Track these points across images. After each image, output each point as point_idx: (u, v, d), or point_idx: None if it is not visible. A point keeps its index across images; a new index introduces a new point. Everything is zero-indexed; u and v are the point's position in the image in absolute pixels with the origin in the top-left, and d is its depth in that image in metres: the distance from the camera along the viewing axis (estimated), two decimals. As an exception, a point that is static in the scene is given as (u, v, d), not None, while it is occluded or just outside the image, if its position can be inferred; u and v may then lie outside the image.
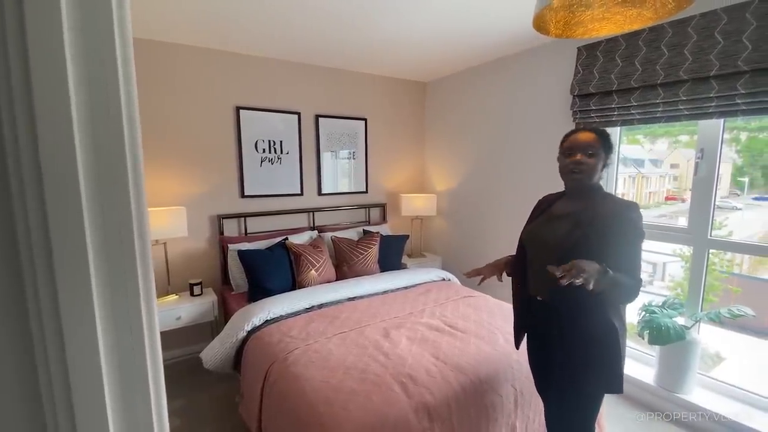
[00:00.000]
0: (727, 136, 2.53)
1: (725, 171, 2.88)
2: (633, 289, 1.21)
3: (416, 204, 3.63)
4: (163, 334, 2.60)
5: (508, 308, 2.38)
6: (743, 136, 2.47)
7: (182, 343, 2.86)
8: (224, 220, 2.94)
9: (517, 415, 1.70)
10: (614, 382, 1.27)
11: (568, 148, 1.35)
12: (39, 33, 0.36)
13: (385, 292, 2.67)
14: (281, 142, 3.12)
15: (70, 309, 0.40)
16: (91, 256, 0.41)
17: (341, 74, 3.39)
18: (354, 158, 3.56)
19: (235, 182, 2.99)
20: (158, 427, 0.48)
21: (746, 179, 2.61)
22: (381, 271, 3.07)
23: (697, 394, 2.17)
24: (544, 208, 1.49)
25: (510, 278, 1.58)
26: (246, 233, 3.03)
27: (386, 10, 2.15)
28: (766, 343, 3.00)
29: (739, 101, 1.83)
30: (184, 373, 2.67)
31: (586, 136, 1.33)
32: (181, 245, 2.81)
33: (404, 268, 3.21)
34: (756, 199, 2.61)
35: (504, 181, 3.15)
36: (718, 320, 2.08)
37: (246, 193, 3.01)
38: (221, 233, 2.93)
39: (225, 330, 2.21)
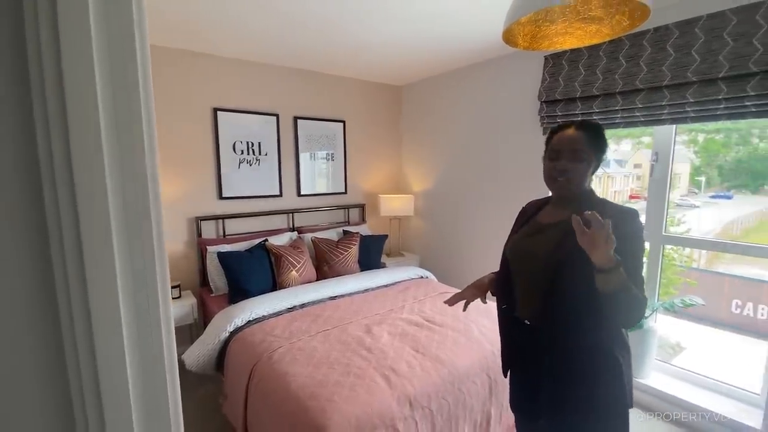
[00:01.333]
0: (685, 137, 2.74)
1: (684, 171, 3.10)
2: (641, 303, 1.00)
3: (394, 204, 3.71)
4: None
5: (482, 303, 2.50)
6: (701, 137, 2.67)
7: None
8: (202, 222, 2.93)
9: (492, 402, 1.81)
10: (618, 423, 1.10)
11: (552, 150, 1.17)
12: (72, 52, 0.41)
13: (365, 290, 2.74)
14: (259, 143, 3.13)
15: (97, 300, 0.45)
16: (116, 245, 0.45)
17: (319, 77, 3.43)
18: (333, 159, 3.61)
19: (212, 184, 2.98)
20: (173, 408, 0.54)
21: (703, 178, 2.79)
22: (361, 271, 3.14)
23: (655, 378, 2.36)
24: (529, 216, 1.30)
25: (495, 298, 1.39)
26: (225, 235, 3.03)
27: (360, 15, 2.22)
28: (721, 333, 3.25)
29: (688, 109, 2.01)
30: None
31: (573, 136, 1.14)
32: (159, 248, 2.77)
33: (384, 267, 3.29)
34: (712, 197, 2.78)
35: (477, 181, 3.29)
36: (672, 309, 2.27)
37: (224, 195, 3.01)
38: (199, 235, 2.92)
39: (207, 331, 2.22)
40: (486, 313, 2.30)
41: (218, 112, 2.93)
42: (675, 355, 2.92)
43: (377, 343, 1.89)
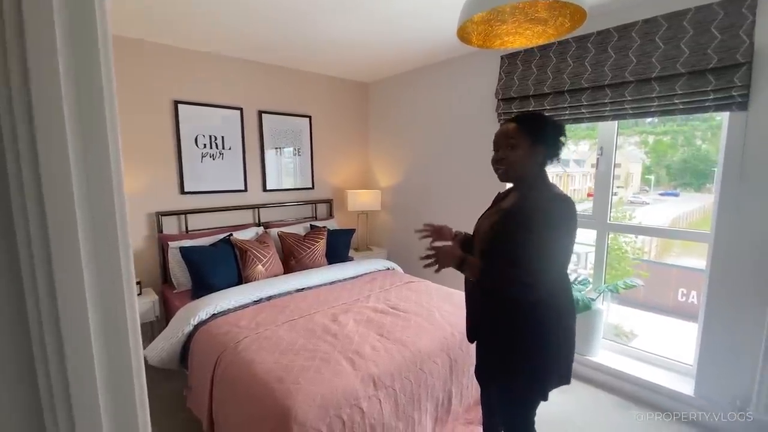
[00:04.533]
0: (637, 138, 2.95)
1: (636, 170, 3.34)
2: (510, 279, 1.15)
3: (362, 199, 3.77)
4: None
5: (443, 289, 2.61)
6: (651, 139, 2.89)
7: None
8: (163, 217, 2.86)
9: (453, 381, 1.90)
10: (540, 374, 1.24)
11: (493, 144, 1.31)
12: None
13: (332, 282, 2.78)
14: (223, 137, 3.09)
15: (65, 300, 0.45)
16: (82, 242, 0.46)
17: (285, 71, 3.43)
18: (299, 155, 3.62)
19: (174, 178, 2.92)
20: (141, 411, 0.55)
21: (653, 177, 3.02)
22: (329, 264, 3.17)
23: (603, 355, 2.56)
24: (495, 201, 1.44)
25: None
26: (187, 230, 2.97)
27: (325, 11, 2.26)
28: (669, 320, 3.52)
29: (627, 106, 2.20)
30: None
31: (506, 128, 1.26)
32: (117, 244, 2.69)
33: (351, 261, 3.33)
34: (661, 194, 3.01)
35: (441, 176, 3.40)
36: (616, 291, 2.46)
37: (186, 190, 2.95)
38: (160, 231, 2.85)
39: (170, 325, 2.19)
40: (447, 299, 2.41)
41: (179, 105, 2.87)
42: (629, 341, 3.15)
43: (343, 330, 1.94)
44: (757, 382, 1.80)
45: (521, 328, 1.23)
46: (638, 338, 3.16)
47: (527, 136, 1.23)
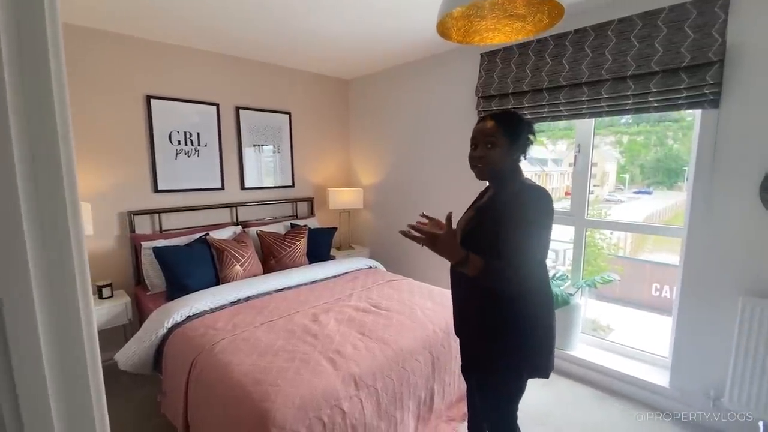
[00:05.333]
0: (612, 138, 3.01)
1: (611, 169, 3.42)
2: (501, 274, 1.14)
3: (343, 198, 3.73)
4: None
5: (425, 287, 2.60)
6: (625, 139, 2.95)
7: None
8: (135, 216, 2.75)
9: (435, 379, 1.89)
10: (518, 366, 1.25)
11: (471, 140, 1.31)
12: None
13: (313, 281, 2.73)
14: (198, 134, 3.00)
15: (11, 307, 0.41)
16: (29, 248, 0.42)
17: (263, 67, 3.35)
18: (279, 152, 3.55)
19: (147, 176, 2.81)
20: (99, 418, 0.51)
21: (627, 176, 3.10)
22: (310, 263, 3.12)
23: (581, 350, 2.60)
24: (477, 198, 1.46)
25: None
26: (161, 230, 2.87)
27: (304, 6, 2.21)
28: (644, 314, 3.61)
29: (603, 104, 2.23)
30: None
31: (485, 126, 1.26)
32: (87, 244, 2.57)
33: (333, 260, 3.29)
34: (636, 192, 3.09)
35: (423, 173, 3.40)
36: (593, 286, 2.51)
37: (160, 188, 2.85)
38: (132, 231, 2.74)
39: (143, 328, 2.10)
40: (429, 297, 2.40)
41: (152, 100, 2.76)
42: (606, 335, 3.22)
43: (324, 330, 1.91)
44: (730, 372, 1.86)
45: (502, 321, 1.24)
46: (615, 332, 3.24)
47: (506, 135, 1.24)
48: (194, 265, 2.53)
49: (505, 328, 1.24)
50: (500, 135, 1.24)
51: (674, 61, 1.93)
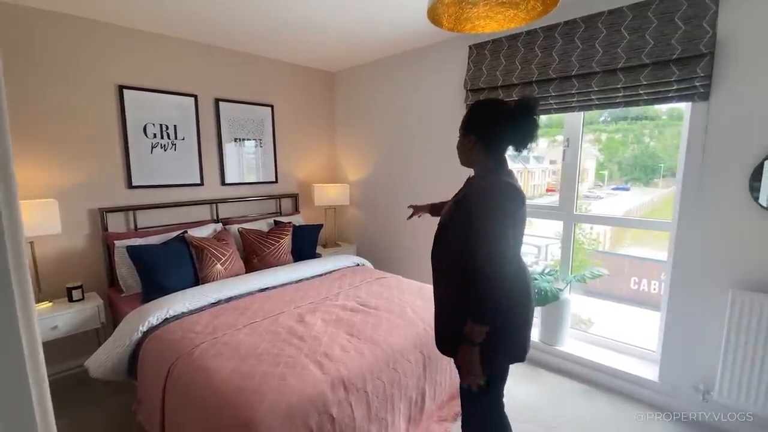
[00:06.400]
0: (591, 136, 3.02)
1: (591, 166, 3.45)
2: (486, 292, 1.13)
3: (329, 194, 3.63)
4: None
5: (415, 284, 2.54)
6: (604, 136, 2.97)
7: (62, 356, 2.46)
8: (108, 214, 2.59)
9: (426, 378, 1.83)
10: (493, 363, 1.24)
11: None
12: None
13: (299, 280, 2.64)
14: (175, 126, 2.85)
15: None
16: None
17: (244, 57, 3.21)
18: (261, 146, 3.42)
19: (120, 171, 2.65)
20: None
21: (606, 173, 3.13)
22: (295, 262, 3.02)
23: (570, 345, 2.59)
24: (460, 188, 1.43)
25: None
26: (136, 228, 2.72)
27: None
28: (623, 307, 3.67)
29: (593, 97, 2.21)
30: (66, 389, 2.32)
31: (464, 116, 1.31)
32: (54, 244, 2.41)
33: (319, 258, 3.20)
34: (614, 189, 3.14)
35: (410, 168, 3.33)
36: (583, 281, 2.49)
37: (134, 184, 2.69)
38: (105, 229, 2.58)
39: (116, 332, 1.97)
40: (419, 294, 2.34)
41: (124, 90, 2.61)
42: (587, 328, 3.24)
43: (310, 331, 1.82)
44: (720, 366, 1.86)
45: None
46: (595, 325, 3.27)
47: (462, 126, 1.30)
48: (172, 265, 2.40)
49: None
50: (468, 125, 1.28)
51: (665, 54, 1.91)
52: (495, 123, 1.23)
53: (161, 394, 1.58)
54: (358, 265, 3.05)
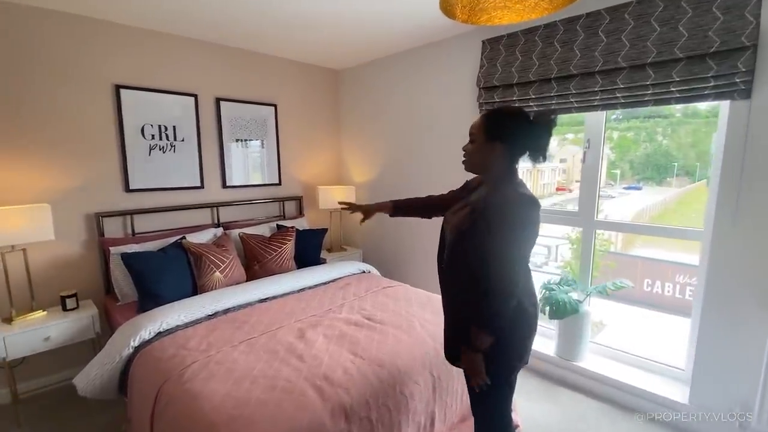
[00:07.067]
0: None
1: (602, 165, 3.31)
2: (491, 305, 1.12)
3: (334, 196, 3.50)
4: (28, 359, 2.17)
5: (424, 294, 2.40)
6: (615, 134, 2.83)
7: (56, 368, 2.38)
8: (104, 218, 2.49)
9: (436, 401, 1.69)
10: (498, 366, 1.23)
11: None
12: None
13: (301, 289, 2.51)
14: (174, 127, 2.74)
15: None
16: None
17: (246, 55, 3.09)
18: (264, 147, 3.30)
19: (117, 174, 2.55)
20: None
21: (618, 171, 2.99)
22: (298, 268, 2.89)
23: (590, 360, 2.42)
24: (465, 194, 1.44)
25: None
26: (134, 233, 2.61)
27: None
28: (637, 310, 3.51)
29: (618, 95, 2.03)
30: (57, 403, 2.23)
31: (473, 122, 1.28)
32: (48, 251, 2.32)
33: (323, 263, 3.07)
34: (626, 188, 3.02)
35: (420, 171, 3.18)
36: (605, 293, 2.32)
37: (132, 187, 2.59)
38: (101, 234, 2.48)
39: (106, 348, 1.86)
40: (429, 306, 2.19)
41: (121, 90, 2.50)
42: (598, 332, 3.09)
43: (310, 350, 1.69)
44: (760, 389, 1.68)
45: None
46: (607, 328, 3.16)
47: (485, 132, 1.23)
48: (168, 272, 2.29)
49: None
50: (481, 131, 1.24)
51: (701, 47, 1.73)
52: (521, 132, 1.20)
53: (149, 419, 1.47)
54: (363, 272, 2.91)
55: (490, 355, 1.20)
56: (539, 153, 1.21)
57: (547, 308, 2.34)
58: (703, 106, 2.34)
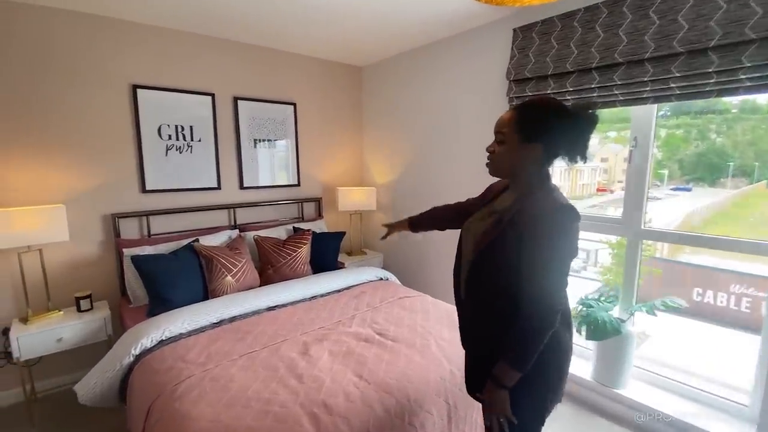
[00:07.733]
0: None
1: (650, 165, 3.01)
2: (530, 340, 0.95)
3: (355, 198, 3.36)
4: (41, 360, 2.20)
5: (443, 307, 2.21)
6: (663, 132, 2.55)
7: (68, 369, 2.38)
8: (121, 219, 2.48)
9: (451, 433, 1.50)
10: (528, 403, 1.06)
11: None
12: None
13: (313, 297, 2.38)
14: (191, 127, 2.69)
15: None
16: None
17: (264, 53, 3.01)
18: (283, 147, 3.21)
19: (133, 175, 2.53)
20: None
21: (665, 171, 2.72)
22: (314, 273, 2.77)
23: (632, 387, 2.13)
24: (489, 199, 1.26)
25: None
26: (149, 234, 2.58)
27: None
28: (684, 321, 3.16)
29: (673, 85, 1.75)
30: (66, 405, 2.22)
31: (502, 118, 1.06)
32: (63, 252, 2.32)
33: (341, 269, 2.93)
34: (673, 189, 2.76)
35: (446, 171, 2.97)
36: (652, 313, 2.03)
37: (148, 188, 2.56)
38: (117, 235, 2.47)
39: (108, 355, 1.81)
40: (447, 321, 2.00)
41: (138, 90, 2.47)
42: (641, 343, 2.80)
43: (312, 369, 1.54)
44: None
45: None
46: (651, 339, 2.87)
47: (518, 131, 1.02)
48: (178, 276, 2.23)
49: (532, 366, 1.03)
50: (512, 130, 1.03)
51: (781, 24, 1.44)
52: (562, 129, 0.99)
53: (139, 436, 1.38)
54: (381, 279, 2.75)
55: (519, 390, 1.01)
56: (579, 152, 1.01)
57: (584, 328, 2.08)
58: (763, 100, 2.01)
